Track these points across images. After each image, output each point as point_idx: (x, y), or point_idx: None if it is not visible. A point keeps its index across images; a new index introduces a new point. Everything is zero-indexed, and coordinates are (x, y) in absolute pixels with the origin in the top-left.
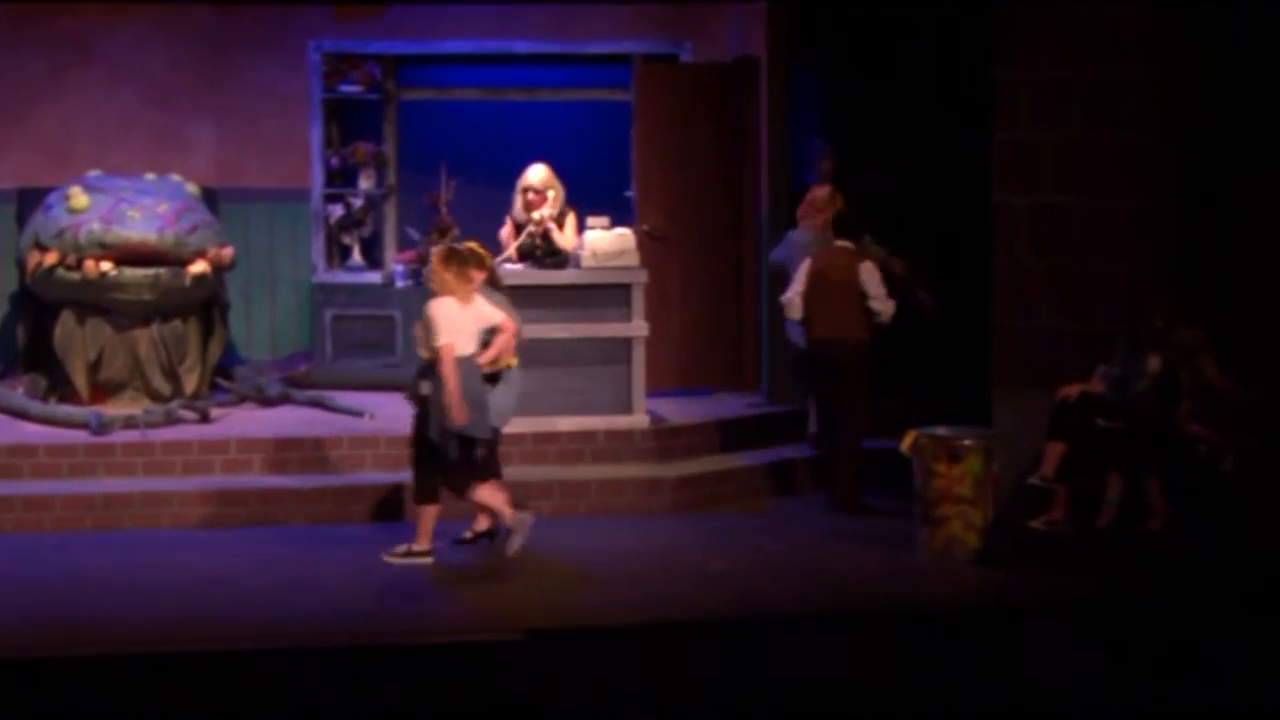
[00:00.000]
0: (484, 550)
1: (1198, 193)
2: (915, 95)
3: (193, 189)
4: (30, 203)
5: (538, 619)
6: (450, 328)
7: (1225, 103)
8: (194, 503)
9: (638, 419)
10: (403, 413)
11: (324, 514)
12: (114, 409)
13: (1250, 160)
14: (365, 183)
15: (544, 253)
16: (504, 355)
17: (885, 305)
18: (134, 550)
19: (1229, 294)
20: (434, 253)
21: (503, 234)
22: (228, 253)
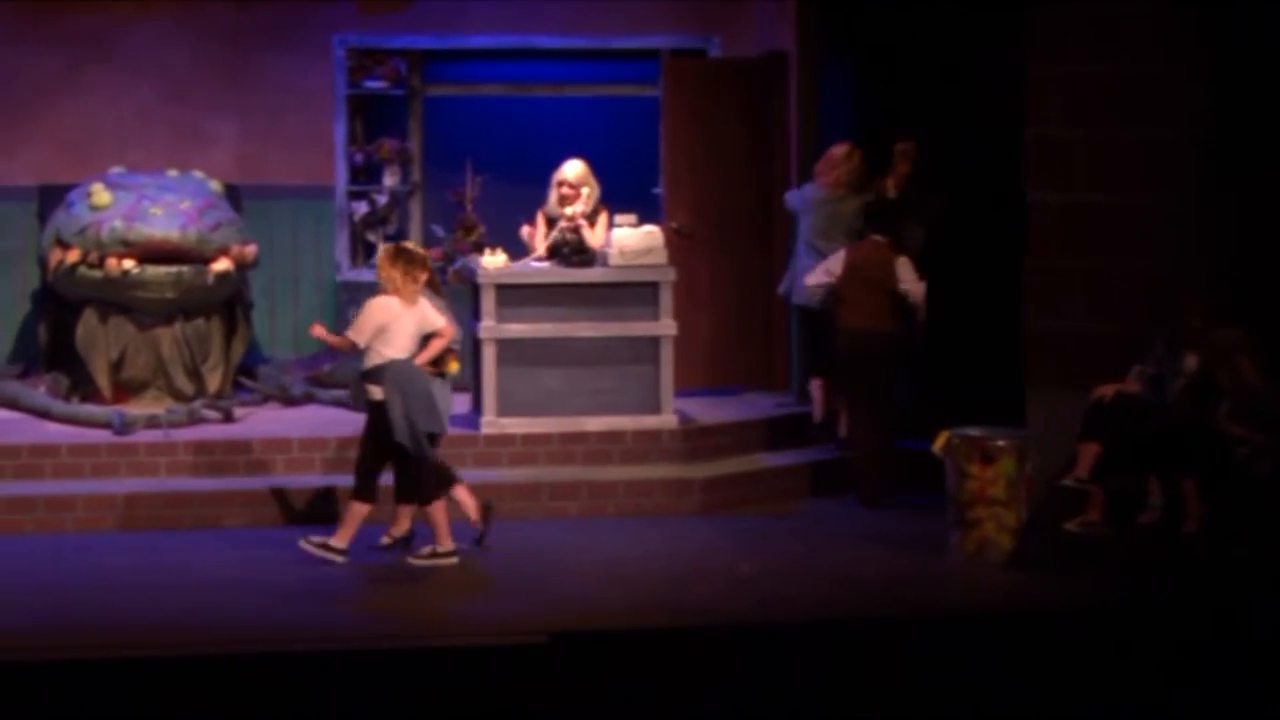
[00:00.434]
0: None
1: (1234, 190)
2: (945, 91)
3: (215, 186)
4: (51, 200)
5: (562, 622)
6: (375, 331)
7: (1260, 98)
8: (217, 503)
9: (666, 419)
10: None
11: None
12: (137, 408)
13: None
14: (390, 180)
15: (571, 251)
16: (448, 361)
17: (915, 286)
18: (157, 551)
19: (1266, 292)
20: (382, 249)
21: (524, 232)
22: (251, 250)
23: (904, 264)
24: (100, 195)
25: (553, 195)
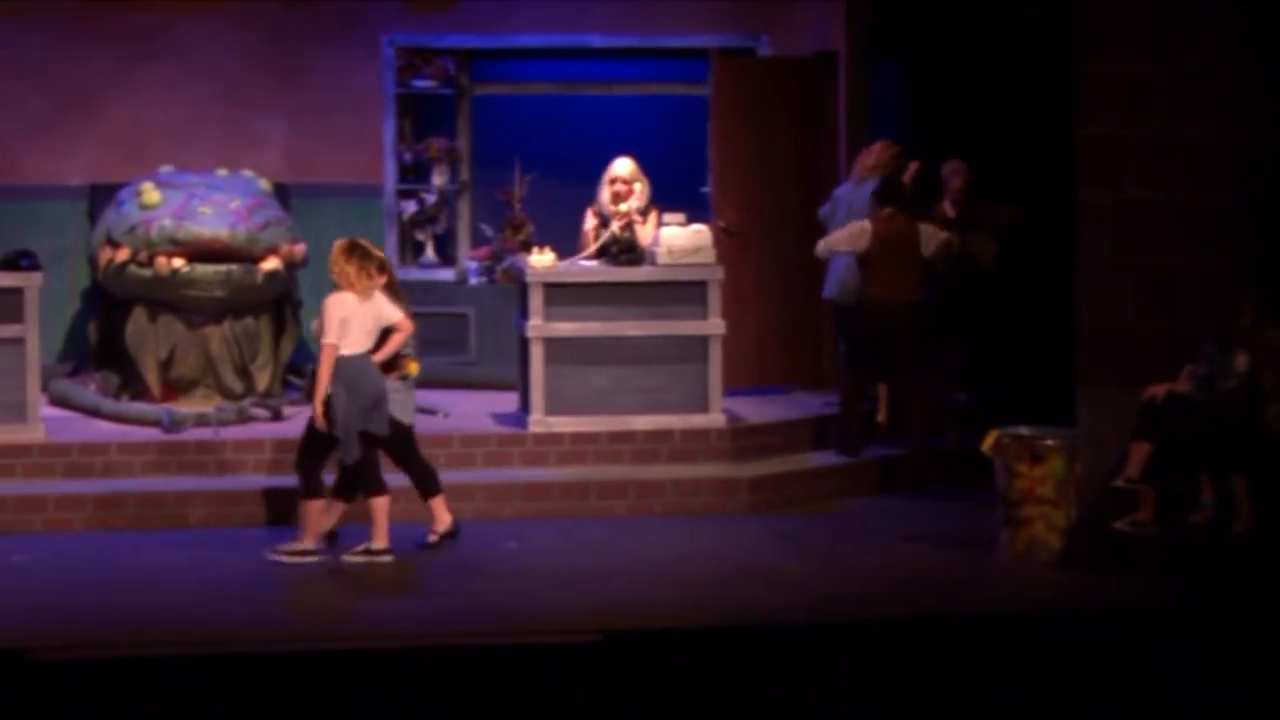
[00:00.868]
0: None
1: None
2: (996, 90)
3: (265, 185)
4: (102, 199)
5: (614, 620)
6: (342, 326)
7: None
8: (266, 501)
9: (714, 418)
10: (477, 410)
11: (397, 512)
12: (186, 407)
13: None
14: (438, 179)
15: (620, 249)
16: (405, 364)
17: (935, 239)
18: (207, 548)
19: None
20: (335, 245)
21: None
22: (300, 249)
23: (929, 231)
24: (150, 194)
25: (605, 193)
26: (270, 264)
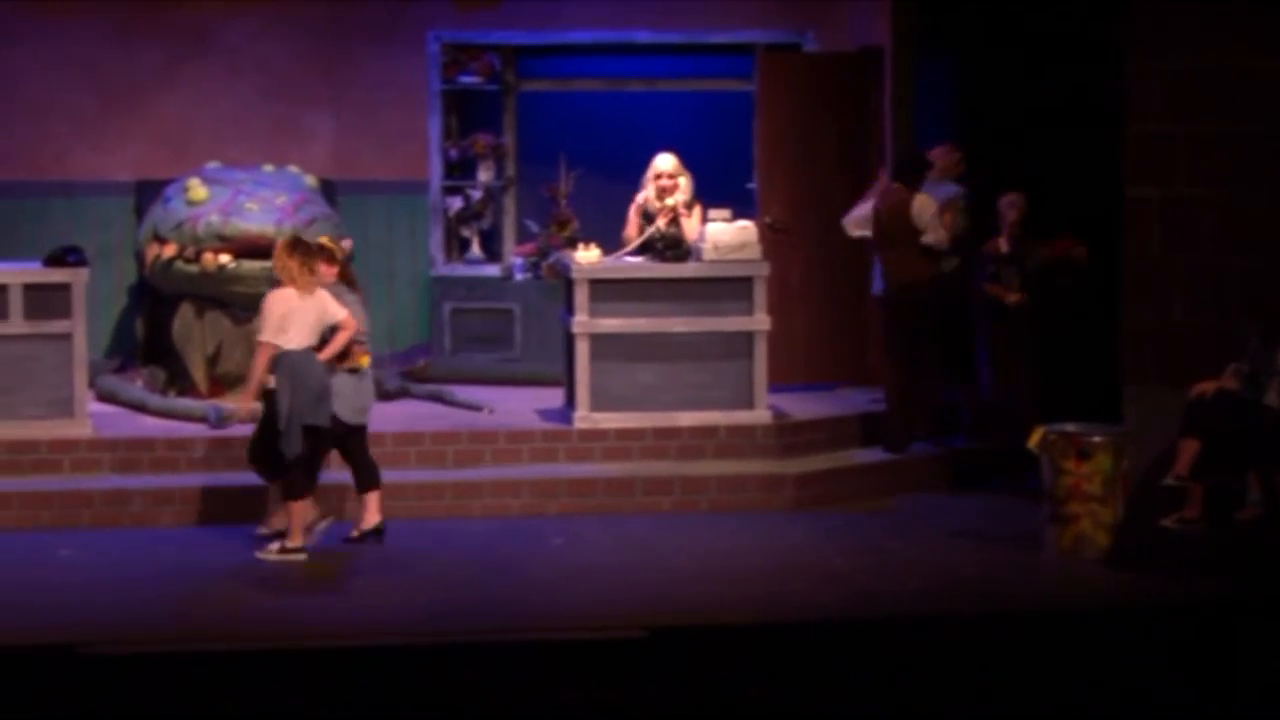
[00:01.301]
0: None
1: None
2: (1044, 86)
3: (311, 181)
4: (149, 195)
5: (660, 617)
6: (281, 324)
7: None
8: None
9: (760, 414)
10: (522, 407)
11: (441, 509)
12: (232, 403)
13: None
14: (484, 175)
15: (665, 245)
16: (356, 355)
17: (937, 234)
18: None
19: None
20: (278, 241)
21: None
22: (346, 245)
23: (921, 204)
24: (197, 190)
25: (650, 189)
26: None
